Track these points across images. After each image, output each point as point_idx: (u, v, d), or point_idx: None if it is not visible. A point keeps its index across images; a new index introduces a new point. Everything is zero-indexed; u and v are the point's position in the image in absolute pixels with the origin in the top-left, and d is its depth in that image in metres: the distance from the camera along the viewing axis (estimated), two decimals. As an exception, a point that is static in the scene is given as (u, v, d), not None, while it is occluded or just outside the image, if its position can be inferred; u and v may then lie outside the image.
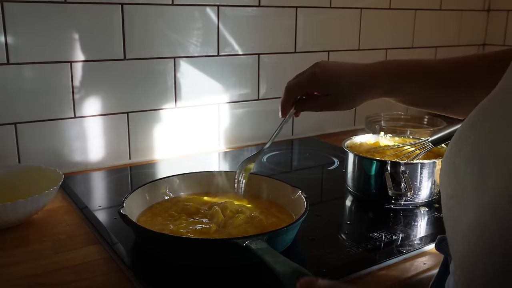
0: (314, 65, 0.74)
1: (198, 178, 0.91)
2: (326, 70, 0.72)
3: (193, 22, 1.18)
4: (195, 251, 0.68)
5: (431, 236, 0.81)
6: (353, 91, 0.72)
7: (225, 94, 1.28)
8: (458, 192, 0.42)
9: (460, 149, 0.44)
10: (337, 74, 0.73)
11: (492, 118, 0.42)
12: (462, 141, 0.44)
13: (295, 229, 0.74)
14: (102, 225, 0.82)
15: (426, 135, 1.27)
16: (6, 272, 0.69)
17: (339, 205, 0.97)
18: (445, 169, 0.47)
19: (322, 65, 0.73)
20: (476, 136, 0.43)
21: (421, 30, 1.62)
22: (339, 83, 0.72)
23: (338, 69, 0.73)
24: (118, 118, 1.15)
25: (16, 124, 1.03)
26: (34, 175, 0.91)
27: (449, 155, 0.46)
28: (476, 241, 0.37)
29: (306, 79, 0.73)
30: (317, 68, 0.73)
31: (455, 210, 0.42)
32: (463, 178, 0.42)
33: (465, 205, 0.40)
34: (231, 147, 1.32)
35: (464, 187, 0.41)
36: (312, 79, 0.72)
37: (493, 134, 0.41)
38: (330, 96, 0.73)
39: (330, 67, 0.73)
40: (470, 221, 0.38)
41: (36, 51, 1.02)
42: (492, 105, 0.44)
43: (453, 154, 0.45)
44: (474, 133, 0.44)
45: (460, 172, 0.42)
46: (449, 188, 0.44)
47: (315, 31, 1.39)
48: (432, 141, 0.92)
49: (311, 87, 0.74)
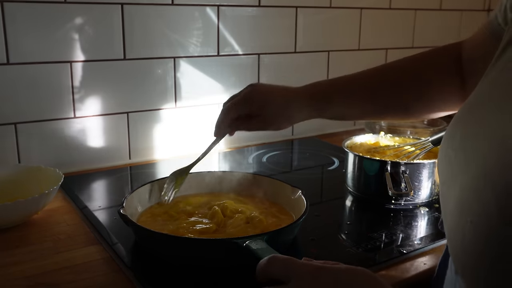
0: (249, 86, 0.80)
1: (198, 178, 0.91)
2: (259, 92, 0.78)
3: (193, 22, 1.18)
4: (195, 251, 0.68)
5: (431, 236, 0.81)
6: (280, 112, 0.78)
7: (225, 94, 1.28)
8: (449, 177, 0.50)
9: (450, 141, 0.52)
10: (267, 96, 0.78)
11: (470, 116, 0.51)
12: (452, 135, 0.52)
13: (295, 229, 0.74)
14: (102, 225, 0.82)
15: (426, 135, 1.27)
16: (6, 272, 0.69)
17: (339, 205, 0.97)
18: (439, 159, 0.55)
19: (256, 87, 0.79)
20: (462, 128, 0.51)
21: (421, 30, 1.62)
22: (267, 104, 0.77)
23: (269, 91, 0.79)
24: (118, 118, 1.15)
25: (16, 124, 1.03)
26: (34, 175, 0.91)
27: (443, 147, 0.54)
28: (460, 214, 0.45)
29: (241, 100, 0.79)
30: (250, 90, 0.78)
31: (446, 193, 0.51)
32: (453, 165, 0.50)
33: (452, 186, 0.48)
34: (231, 147, 1.32)
35: (452, 171, 0.49)
36: (246, 100, 0.78)
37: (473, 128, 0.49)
38: (260, 117, 0.78)
39: (262, 90, 0.79)
40: (455, 200, 0.47)
41: (36, 51, 1.02)
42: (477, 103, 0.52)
43: (446, 146, 0.53)
44: (461, 126, 0.51)
45: (451, 160, 0.50)
46: (443, 175, 0.53)
47: (315, 31, 1.39)
48: (432, 141, 0.92)
49: (245, 108, 0.79)
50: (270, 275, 0.49)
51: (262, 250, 0.63)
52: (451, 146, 0.51)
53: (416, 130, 1.36)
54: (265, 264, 0.49)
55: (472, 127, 0.50)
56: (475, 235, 0.43)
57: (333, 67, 1.44)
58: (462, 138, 0.50)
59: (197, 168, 0.88)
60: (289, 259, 0.49)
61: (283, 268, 0.48)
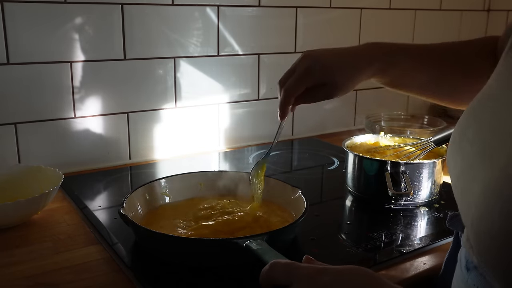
0: (304, 58, 0.72)
1: (198, 178, 0.91)
2: (319, 61, 0.71)
3: (193, 22, 1.18)
4: (195, 251, 0.68)
5: (431, 236, 0.81)
6: (349, 75, 0.71)
7: (225, 94, 1.28)
8: (467, 169, 0.48)
9: (464, 134, 0.50)
10: (332, 63, 0.71)
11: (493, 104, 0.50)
12: (466, 127, 0.51)
13: (295, 229, 0.74)
14: (102, 225, 0.82)
15: (426, 135, 1.27)
16: (6, 272, 0.69)
17: (339, 205, 0.97)
18: (451, 153, 0.53)
19: (314, 56, 0.71)
20: (478, 121, 0.50)
21: (421, 30, 1.62)
22: (335, 71, 0.71)
23: (330, 57, 0.72)
24: (118, 118, 1.15)
25: (16, 124, 1.03)
26: (34, 175, 0.91)
27: (455, 141, 0.52)
28: (487, 204, 0.43)
29: (303, 75, 0.70)
30: (310, 61, 0.71)
31: (465, 184, 0.48)
32: (471, 156, 0.48)
33: (475, 177, 0.46)
34: (231, 147, 1.32)
35: (472, 163, 0.48)
36: (309, 73, 0.70)
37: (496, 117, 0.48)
38: (327, 86, 0.71)
39: (323, 57, 0.71)
40: (480, 190, 0.44)
41: (36, 51, 1.02)
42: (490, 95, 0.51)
43: (458, 140, 0.52)
44: (476, 119, 0.51)
45: (466, 153, 0.49)
46: (457, 169, 0.51)
47: (315, 31, 1.39)
48: (434, 141, 0.92)
49: (310, 82, 0.71)
50: (273, 281, 0.49)
51: (262, 250, 0.63)
52: (465, 138, 0.50)
53: (416, 130, 1.36)
54: (267, 271, 0.49)
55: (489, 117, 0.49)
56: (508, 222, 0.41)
57: (333, 67, 1.44)
58: (477, 130, 0.49)
59: (197, 168, 0.88)
60: (289, 263, 0.49)
61: (284, 273, 0.48)
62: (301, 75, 0.71)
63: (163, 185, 0.87)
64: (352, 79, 0.72)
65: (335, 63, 0.71)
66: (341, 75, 0.71)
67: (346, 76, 0.71)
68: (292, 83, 0.71)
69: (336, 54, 0.72)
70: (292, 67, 0.73)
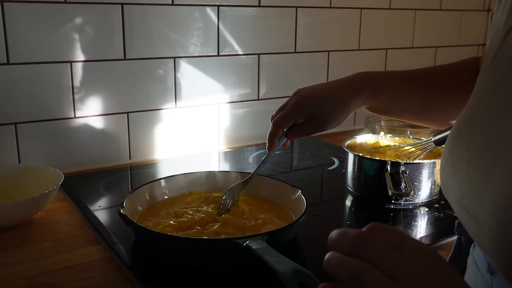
0: (295, 94, 0.77)
1: (198, 178, 0.91)
2: (308, 97, 0.76)
3: (193, 22, 1.18)
4: (195, 251, 0.68)
5: (431, 236, 0.81)
6: (337, 109, 0.76)
7: (225, 94, 1.28)
8: (467, 189, 0.49)
9: (457, 155, 0.51)
10: (319, 98, 0.76)
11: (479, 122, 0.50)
12: (456, 148, 0.52)
13: (295, 229, 0.74)
14: (102, 225, 0.82)
15: (426, 135, 1.27)
16: (6, 272, 0.69)
17: (339, 205, 0.97)
18: (445, 175, 0.53)
19: (303, 93, 0.76)
20: (469, 140, 0.50)
21: (421, 30, 1.62)
22: (323, 106, 0.75)
23: (318, 92, 0.77)
24: (118, 118, 1.15)
25: (16, 124, 1.03)
26: (34, 175, 0.91)
27: (446, 161, 0.53)
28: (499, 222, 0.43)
29: (292, 110, 0.76)
30: (299, 98, 0.76)
31: (470, 204, 0.48)
32: (470, 177, 0.48)
33: (479, 196, 0.46)
34: (231, 147, 1.32)
35: (473, 183, 0.48)
36: (297, 108, 0.75)
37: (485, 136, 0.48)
38: (317, 120, 0.76)
39: (311, 93, 0.76)
40: (489, 209, 0.45)
41: (36, 51, 1.02)
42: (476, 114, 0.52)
43: (450, 160, 0.52)
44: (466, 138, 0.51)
45: (464, 173, 0.49)
46: (457, 190, 0.51)
47: (315, 31, 1.39)
48: (434, 141, 0.92)
49: (298, 116, 0.76)
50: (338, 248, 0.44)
51: (262, 250, 0.63)
52: (460, 160, 0.50)
53: (416, 130, 1.36)
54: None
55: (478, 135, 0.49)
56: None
57: (333, 67, 1.44)
58: (470, 149, 0.49)
59: (197, 168, 0.88)
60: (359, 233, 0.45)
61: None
62: (289, 110, 0.76)
63: (163, 185, 0.87)
64: (340, 112, 0.76)
65: (322, 99, 0.76)
66: (329, 110, 0.75)
67: (333, 110, 0.76)
68: (280, 117, 0.76)
69: (324, 91, 0.77)
70: (284, 103, 0.78)
